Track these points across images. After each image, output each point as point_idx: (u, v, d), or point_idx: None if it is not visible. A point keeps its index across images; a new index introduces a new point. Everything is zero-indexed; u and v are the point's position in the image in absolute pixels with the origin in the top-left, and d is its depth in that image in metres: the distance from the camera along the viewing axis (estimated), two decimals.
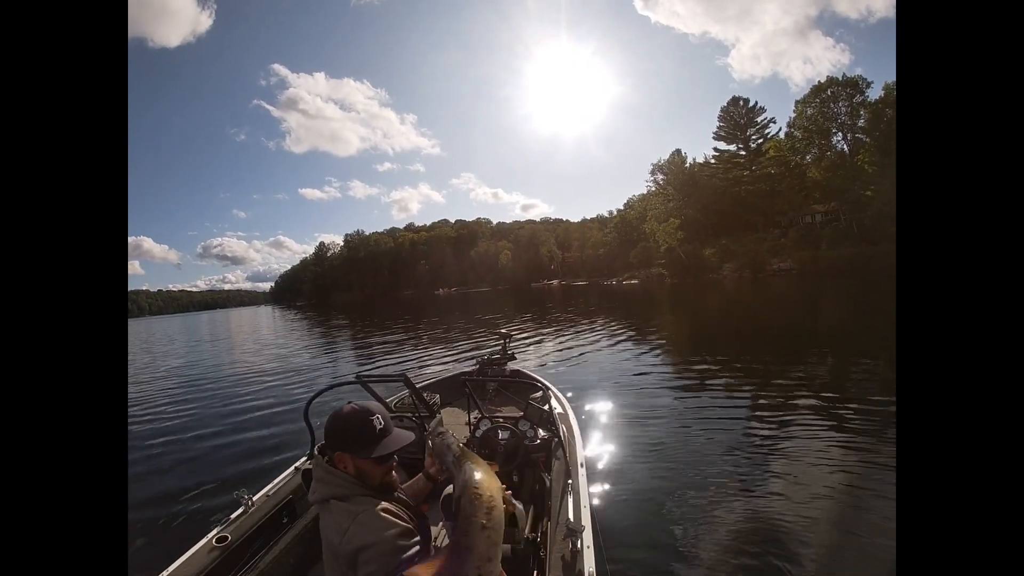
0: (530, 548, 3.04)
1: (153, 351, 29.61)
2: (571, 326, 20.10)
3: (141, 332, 63.31)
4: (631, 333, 16.90)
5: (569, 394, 8.22)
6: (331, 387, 4.42)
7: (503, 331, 7.82)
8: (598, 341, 15.33)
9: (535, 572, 2.79)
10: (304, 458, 3.88)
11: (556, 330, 19.18)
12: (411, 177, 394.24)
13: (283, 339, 28.83)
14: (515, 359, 6.75)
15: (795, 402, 7.37)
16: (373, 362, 15.53)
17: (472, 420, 4.35)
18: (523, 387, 5.63)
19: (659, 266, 61.49)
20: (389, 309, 50.77)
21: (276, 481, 3.65)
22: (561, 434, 3.87)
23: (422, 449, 3.79)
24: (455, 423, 5.12)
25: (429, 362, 14.09)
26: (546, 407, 4.29)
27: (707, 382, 9.22)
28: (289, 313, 71.70)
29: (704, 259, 56.29)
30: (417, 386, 4.41)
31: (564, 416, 4.58)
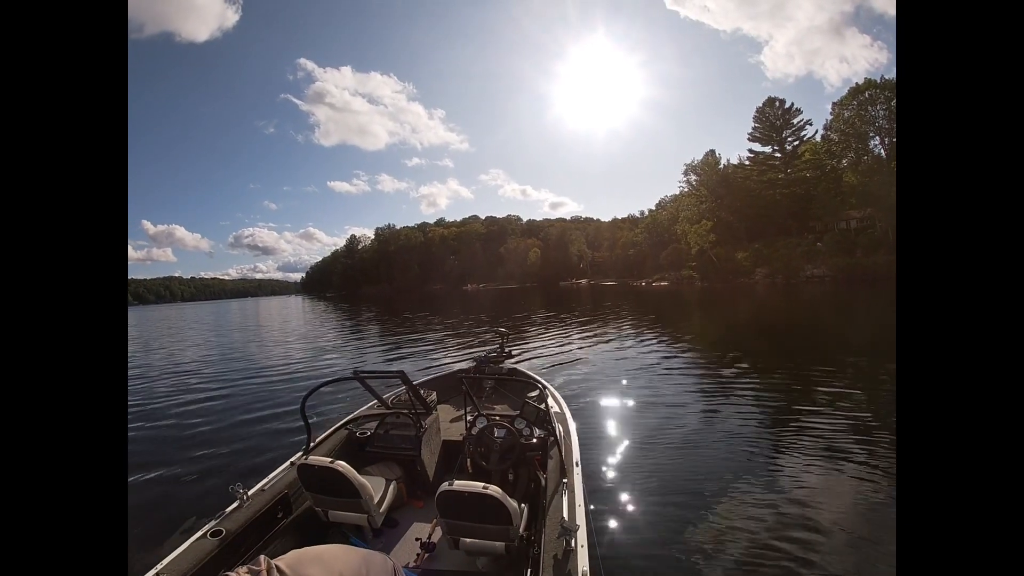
0: (524, 546, 3.10)
1: (172, 336, 30.64)
2: (596, 326, 20.20)
3: (171, 316, 65.88)
4: (652, 335, 17.20)
5: (566, 392, 8.42)
6: (329, 382, 4.39)
7: (501, 329, 7.79)
8: (617, 341, 15.70)
9: (528, 570, 2.83)
10: (299, 453, 3.92)
11: (580, 329, 19.40)
12: (439, 172, 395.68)
13: (308, 329, 29.23)
14: (512, 357, 6.83)
15: (811, 412, 7.22)
16: (397, 359, 15.66)
17: (468, 418, 4.41)
18: (520, 386, 5.73)
19: (689, 268, 61.24)
20: (418, 303, 51.16)
21: (271, 476, 3.67)
22: (557, 433, 3.90)
23: (417, 446, 4.22)
24: (451, 421, 5.25)
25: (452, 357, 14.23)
26: (543, 406, 4.33)
27: (716, 387, 9.25)
28: (319, 304, 72.11)
29: (736, 263, 55.88)
30: (414, 383, 4.41)
31: (561, 415, 4.57)
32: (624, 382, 9.91)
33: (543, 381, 5.59)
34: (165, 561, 2.62)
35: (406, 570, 2.93)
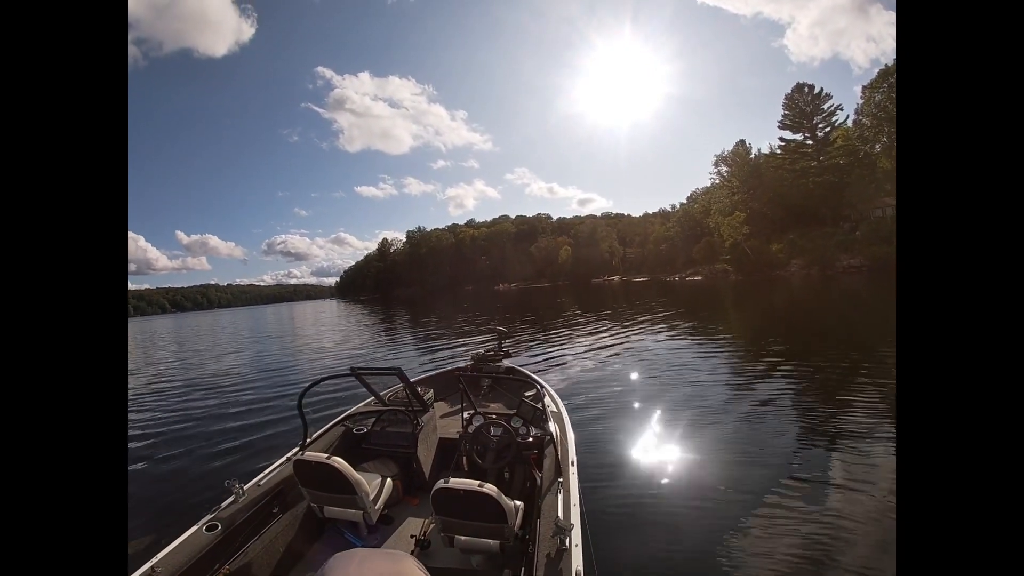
0: (519, 544, 3.09)
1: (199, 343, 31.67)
2: (622, 324, 20.05)
3: (204, 323, 67.65)
4: (673, 332, 16.88)
5: (572, 391, 8.89)
6: (326, 379, 4.32)
7: (500, 328, 7.73)
8: (635, 340, 15.53)
9: (523, 569, 2.79)
10: (296, 448, 3.90)
11: (609, 328, 19.04)
12: (466, 173, 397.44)
13: (343, 336, 29.16)
14: (510, 356, 6.74)
15: (829, 411, 6.99)
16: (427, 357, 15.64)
17: (465, 416, 4.39)
18: (517, 384, 5.72)
19: (723, 262, 60.65)
20: (453, 304, 51.18)
21: (267, 471, 3.67)
22: (553, 432, 3.91)
23: (414, 443, 4.27)
24: (448, 418, 5.30)
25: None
26: (539, 405, 4.35)
27: (724, 387, 9.04)
28: (354, 307, 72.06)
29: (770, 255, 55.08)
30: (411, 380, 4.42)
31: (557, 415, 4.56)
32: (629, 382, 9.86)
33: (540, 380, 5.61)
34: (160, 555, 2.63)
35: None
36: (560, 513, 2.85)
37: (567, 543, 2.55)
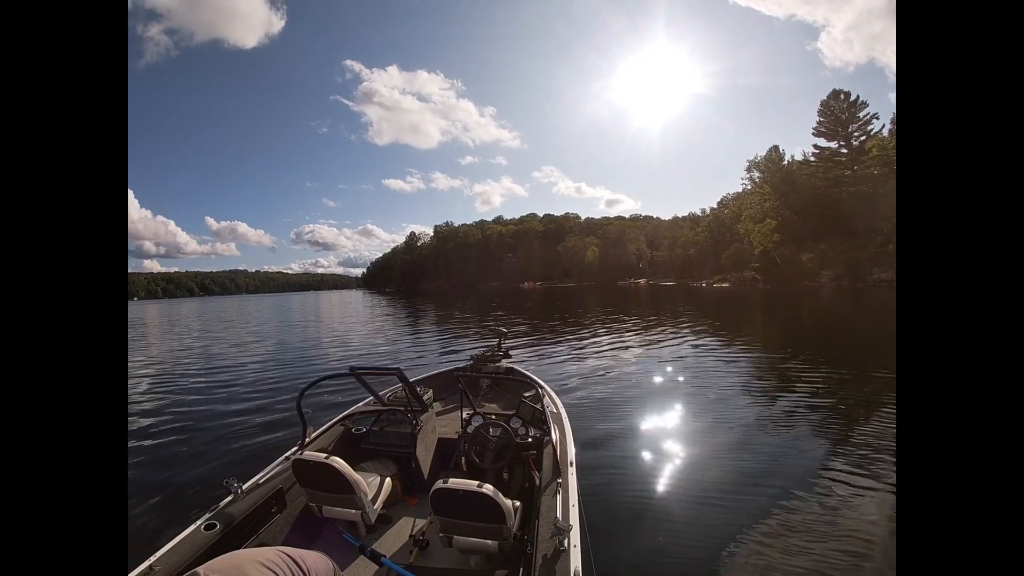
0: (518, 545, 3.07)
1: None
2: (648, 329, 19.60)
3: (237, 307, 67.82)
4: (685, 335, 16.95)
5: (576, 391, 9.13)
6: (326, 378, 4.26)
7: (501, 329, 7.89)
8: (656, 346, 15.40)
9: (521, 569, 2.77)
10: (295, 447, 3.87)
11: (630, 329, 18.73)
12: (493, 170, 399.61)
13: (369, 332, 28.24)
14: (509, 356, 6.74)
15: (835, 418, 7.09)
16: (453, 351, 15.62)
17: (464, 416, 4.41)
18: (517, 385, 5.77)
19: (752, 270, 60.26)
20: (484, 300, 50.73)
21: (266, 470, 3.62)
22: (552, 433, 3.90)
23: (412, 443, 4.28)
24: (447, 418, 5.28)
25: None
26: (539, 406, 4.36)
27: (736, 394, 8.94)
28: (380, 299, 72.36)
29: (800, 265, 54.62)
30: (410, 380, 4.40)
31: (557, 415, 4.50)
32: (640, 385, 9.87)
33: (540, 381, 5.57)
34: (158, 553, 2.60)
35: (400, 567, 2.92)
36: (559, 514, 2.84)
37: (565, 544, 2.55)
